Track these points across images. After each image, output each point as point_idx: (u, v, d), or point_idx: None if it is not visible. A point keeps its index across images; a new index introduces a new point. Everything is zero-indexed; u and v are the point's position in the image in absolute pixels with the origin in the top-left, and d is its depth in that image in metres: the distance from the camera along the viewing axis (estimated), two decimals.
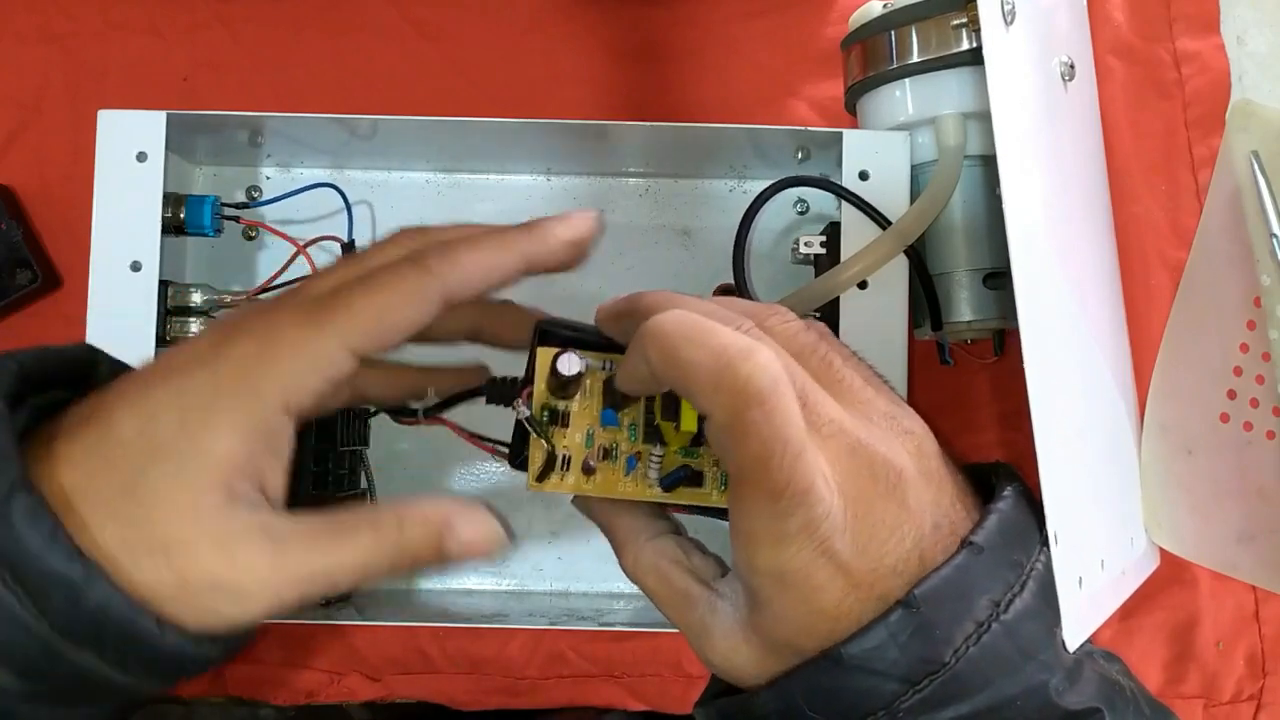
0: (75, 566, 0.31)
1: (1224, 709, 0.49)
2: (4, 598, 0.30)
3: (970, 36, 0.43)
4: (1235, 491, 0.47)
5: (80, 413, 0.34)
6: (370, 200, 0.50)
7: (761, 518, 0.32)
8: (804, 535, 0.32)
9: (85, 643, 0.31)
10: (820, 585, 0.32)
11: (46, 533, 0.31)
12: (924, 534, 0.33)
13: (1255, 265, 0.48)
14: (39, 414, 0.33)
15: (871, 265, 0.44)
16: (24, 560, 0.30)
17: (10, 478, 0.31)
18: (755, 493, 0.32)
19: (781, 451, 0.32)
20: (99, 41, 0.52)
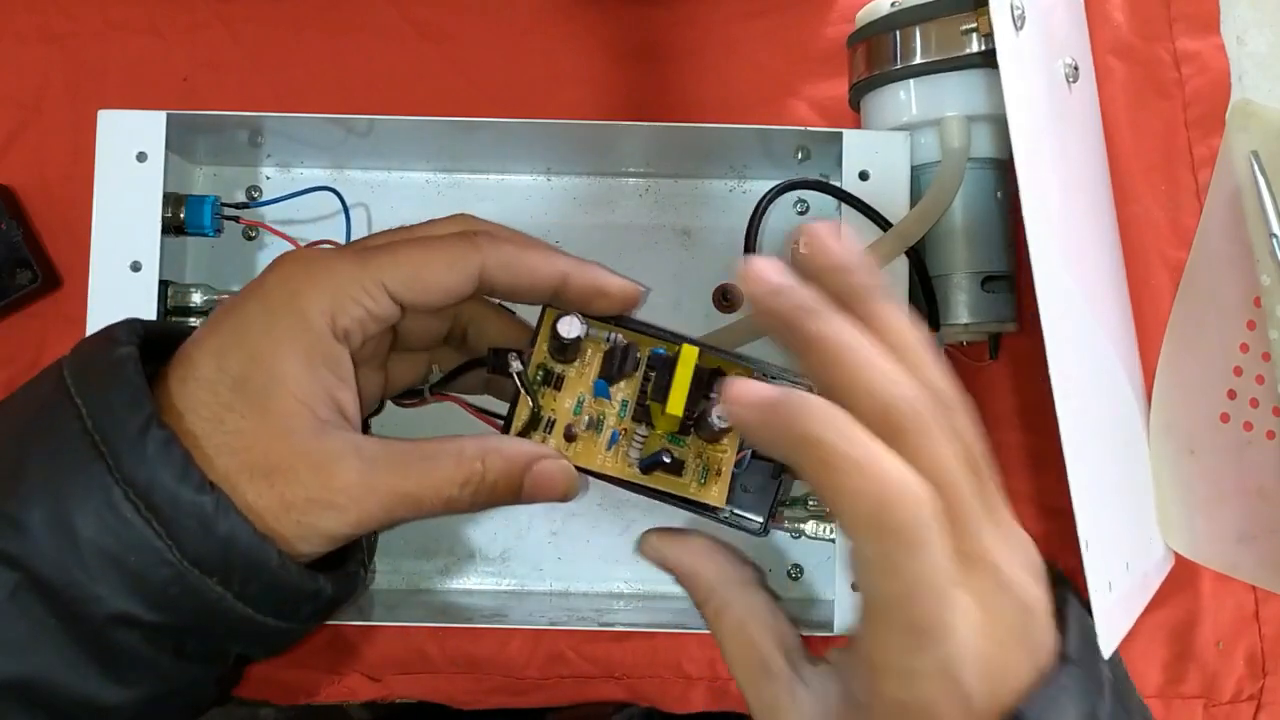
0: (206, 497, 0.33)
1: (1224, 709, 0.49)
2: (139, 527, 0.32)
3: (979, 40, 0.43)
4: (1235, 491, 0.47)
5: (172, 364, 0.36)
6: (370, 200, 0.50)
7: (895, 652, 0.31)
8: (939, 674, 0.31)
9: (213, 571, 0.33)
10: (940, 716, 0.31)
11: (179, 465, 0.33)
12: (1037, 666, 0.33)
13: (1255, 265, 0.48)
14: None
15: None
16: (158, 490, 0.32)
17: (144, 413, 0.33)
18: (891, 628, 0.31)
19: (926, 593, 0.30)
20: (99, 41, 0.52)
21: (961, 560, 0.31)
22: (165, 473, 0.32)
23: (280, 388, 0.35)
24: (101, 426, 0.33)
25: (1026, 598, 0.33)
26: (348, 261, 0.37)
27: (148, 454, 0.33)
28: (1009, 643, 0.32)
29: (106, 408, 0.33)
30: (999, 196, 0.46)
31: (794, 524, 0.44)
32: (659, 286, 0.50)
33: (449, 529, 0.50)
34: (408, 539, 0.49)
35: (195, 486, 0.33)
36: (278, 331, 0.35)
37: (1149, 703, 0.49)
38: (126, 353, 0.35)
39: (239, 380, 0.35)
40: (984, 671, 0.31)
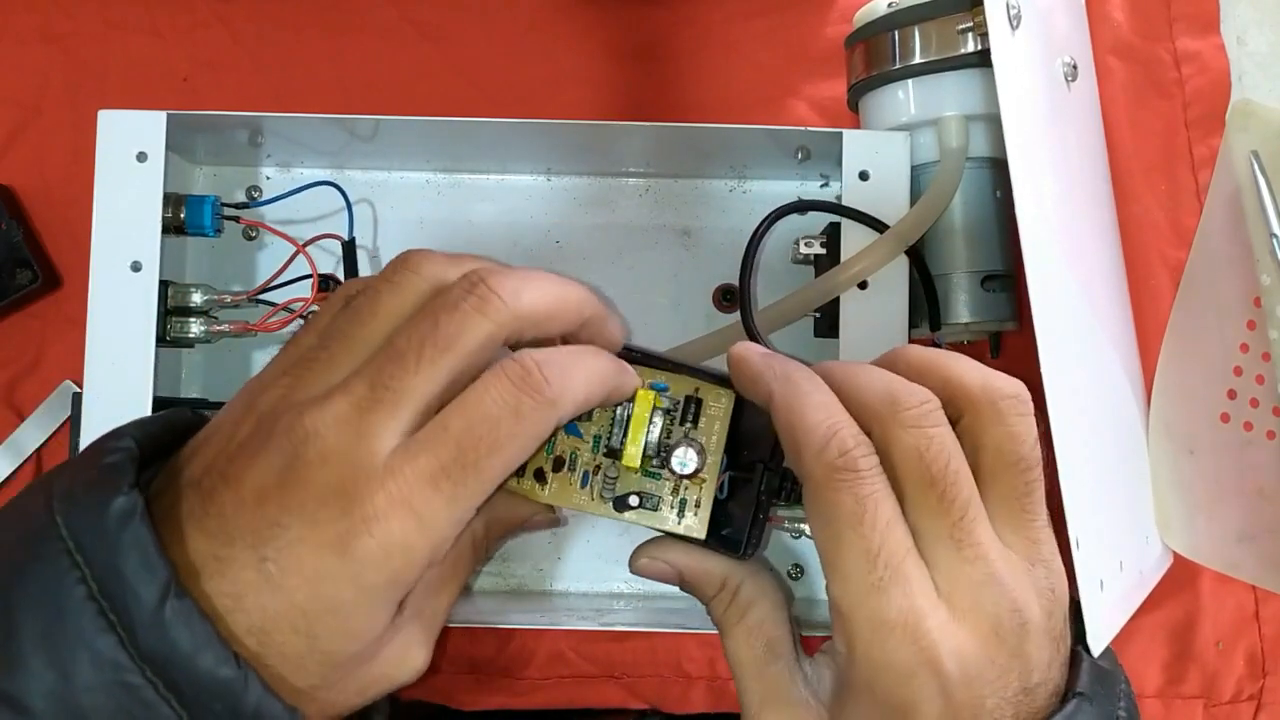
0: (231, 671, 0.29)
1: (1224, 709, 0.49)
2: (158, 707, 0.29)
3: (976, 39, 0.43)
4: (1236, 491, 0.47)
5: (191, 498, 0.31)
6: (370, 200, 0.50)
7: (858, 589, 0.31)
8: (904, 630, 0.31)
9: None
10: (917, 700, 0.31)
11: (202, 636, 0.29)
12: (1027, 688, 0.33)
13: (1255, 265, 0.48)
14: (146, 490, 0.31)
15: (872, 266, 0.44)
16: (178, 667, 0.29)
17: (160, 582, 0.29)
18: (848, 558, 0.31)
19: (876, 509, 0.31)
20: (99, 41, 0.52)
21: (946, 541, 0.32)
22: (185, 645, 0.29)
23: (352, 641, 0.32)
24: (110, 593, 0.29)
25: (1020, 602, 0.32)
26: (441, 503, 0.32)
27: (166, 626, 0.29)
28: (991, 640, 0.32)
29: (116, 574, 0.29)
30: (998, 196, 0.46)
31: (794, 524, 0.44)
32: (659, 286, 0.50)
33: None
34: None
35: (220, 660, 0.29)
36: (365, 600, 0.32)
37: (1149, 703, 0.49)
38: (128, 504, 0.30)
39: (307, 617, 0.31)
40: (961, 665, 0.31)
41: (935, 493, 0.32)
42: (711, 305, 0.50)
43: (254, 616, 0.30)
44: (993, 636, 0.32)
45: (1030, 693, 0.33)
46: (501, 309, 0.32)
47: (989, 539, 0.33)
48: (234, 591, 0.30)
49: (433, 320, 0.32)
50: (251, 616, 0.30)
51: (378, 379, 0.31)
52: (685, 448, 0.36)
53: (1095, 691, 0.33)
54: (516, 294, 0.32)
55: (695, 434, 0.37)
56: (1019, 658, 0.32)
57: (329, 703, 0.32)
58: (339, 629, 0.31)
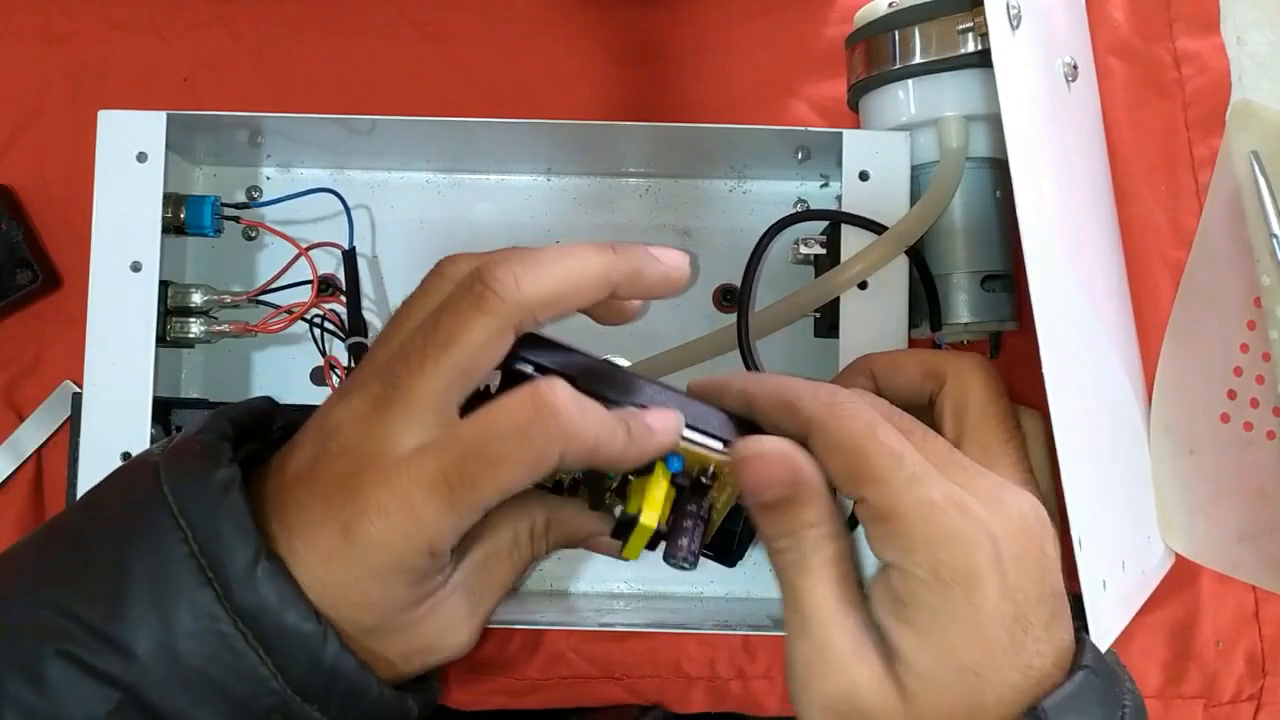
0: (313, 627, 0.32)
1: (1224, 709, 0.49)
2: (247, 655, 0.32)
3: (976, 40, 0.43)
4: (1236, 491, 0.47)
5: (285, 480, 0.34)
6: (370, 201, 0.50)
7: (897, 485, 0.33)
8: (953, 506, 0.33)
9: (315, 699, 0.33)
10: (981, 570, 0.32)
11: (288, 594, 0.32)
12: (1055, 592, 0.34)
13: (1255, 265, 0.48)
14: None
15: (872, 266, 0.44)
16: (267, 619, 0.32)
17: (254, 545, 0.32)
18: (878, 463, 0.33)
19: (885, 426, 0.34)
20: (99, 41, 0.52)
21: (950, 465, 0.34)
22: (273, 600, 0.32)
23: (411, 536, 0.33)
24: (209, 553, 0.32)
25: (1034, 504, 0.34)
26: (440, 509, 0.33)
27: (258, 584, 0.32)
28: (1021, 528, 0.33)
29: (214, 534, 0.32)
30: (998, 196, 0.46)
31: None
32: None
33: None
34: None
35: (303, 616, 0.32)
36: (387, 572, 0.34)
37: (1149, 703, 0.49)
38: (229, 475, 0.33)
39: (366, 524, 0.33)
40: (1006, 533, 0.33)
41: (915, 435, 0.35)
42: (711, 305, 0.50)
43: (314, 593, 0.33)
44: (1021, 527, 0.33)
45: (1058, 601, 0.34)
46: (498, 303, 0.32)
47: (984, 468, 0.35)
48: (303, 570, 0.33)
49: (434, 320, 0.33)
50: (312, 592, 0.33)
51: (389, 378, 0.33)
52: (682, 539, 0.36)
53: (1101, 669, 0.34)
54: (516, 284, 0.33)
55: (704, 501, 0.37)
56: (1045, 555, 0.34)
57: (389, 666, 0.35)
58: (352, 603, 0.33)
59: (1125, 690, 0.35)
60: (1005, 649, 0.32)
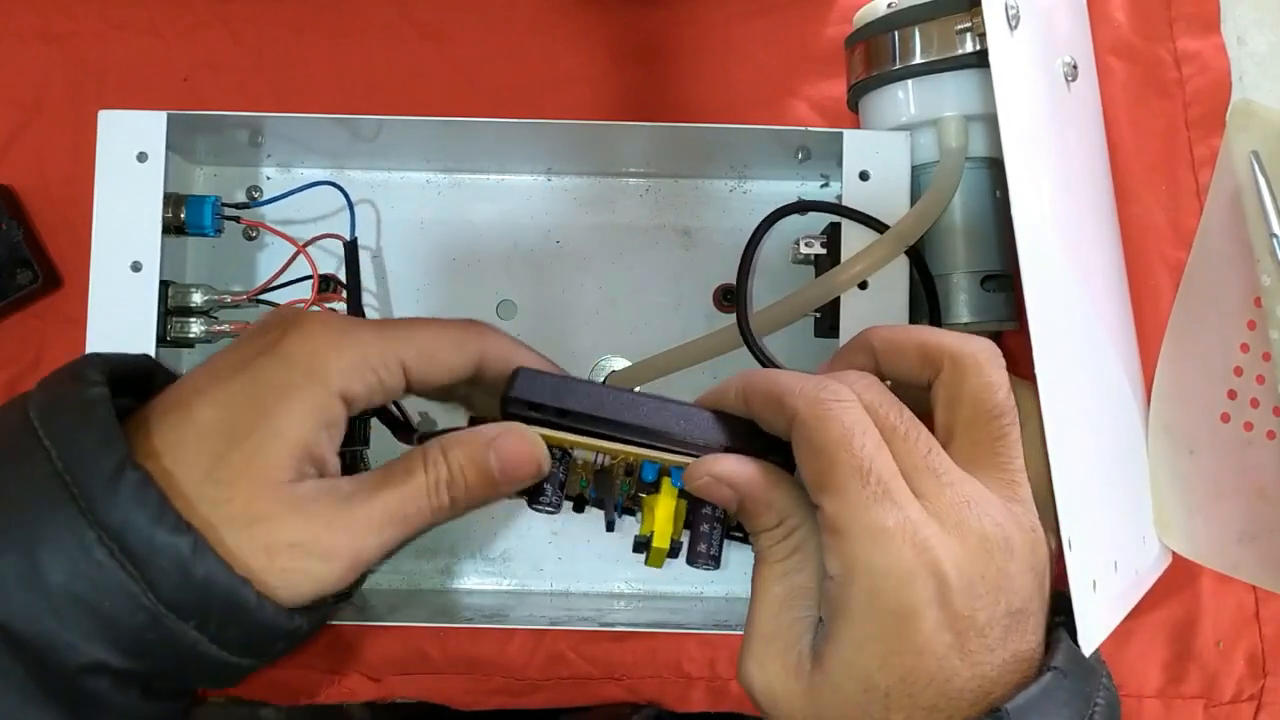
0: (183, 539, 0.32)
1: (1224, 709, 0.49)
2: (113, 571, 0.31)
3: (974, 40, 0.43)
4: (1236, 491, 0.47)
5: (159, 407, 0.35)
6: (370, 200, 0.50)
7: (854, 503, 0.33)
8: (902, 536, 0.32)
9: (190, 615, 0.32)
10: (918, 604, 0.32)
11: (155, 506, 0.32)
12: (1012, 610, 0.33)
13: (1255, 265, 0.48)
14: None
15: (872, 266, 0.44)
16: (133, 533, 0.31)
17: (118, 455, 0.32)
18: (842, 476, 0.33)
19: (863, 434, 0.33)
20: (99, 41, 0.52)
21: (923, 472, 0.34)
22: (140, 515, 0.32)
23: (278, 442, 0.34)
24: (72, 468, 0.32)
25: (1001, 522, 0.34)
26: (370, 333, 0.37)
27: (121, 496, 0.32)
28: (979, 552, 0.33)
29: (77, 449, 0.32)
30: (998, 196, 0.46)
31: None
32: (659, 286, 0.50)
33: (449, 529, 0.50)
34: None
35: (171, 528, 0.32)
36: (293, 389, 0.35)
37: (1149, 703, 0.49)
38: (98, 393, 0.33)
39: (240, 430, 0.34)
40: (955, 564, 0.32)
41: (898, 436, 0.34)
42: (711, 305, 0.50)
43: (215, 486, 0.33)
44: (980, 549, 0.33)
45: (1016, 617, 0.33)
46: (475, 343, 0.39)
47: (962, 473, 0.34)
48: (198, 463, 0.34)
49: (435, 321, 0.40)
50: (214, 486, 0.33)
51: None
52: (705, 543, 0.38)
53: (1072, 670, 0.34)
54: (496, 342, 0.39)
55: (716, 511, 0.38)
56: (1005, 575, 0.33)
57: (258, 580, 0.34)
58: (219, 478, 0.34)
59: (1100, 688, 0.34)
60: (929, 675, 0.32)
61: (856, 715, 0.33)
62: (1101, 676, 0.35)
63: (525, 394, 0.37)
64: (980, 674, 0.32)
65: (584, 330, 0.50)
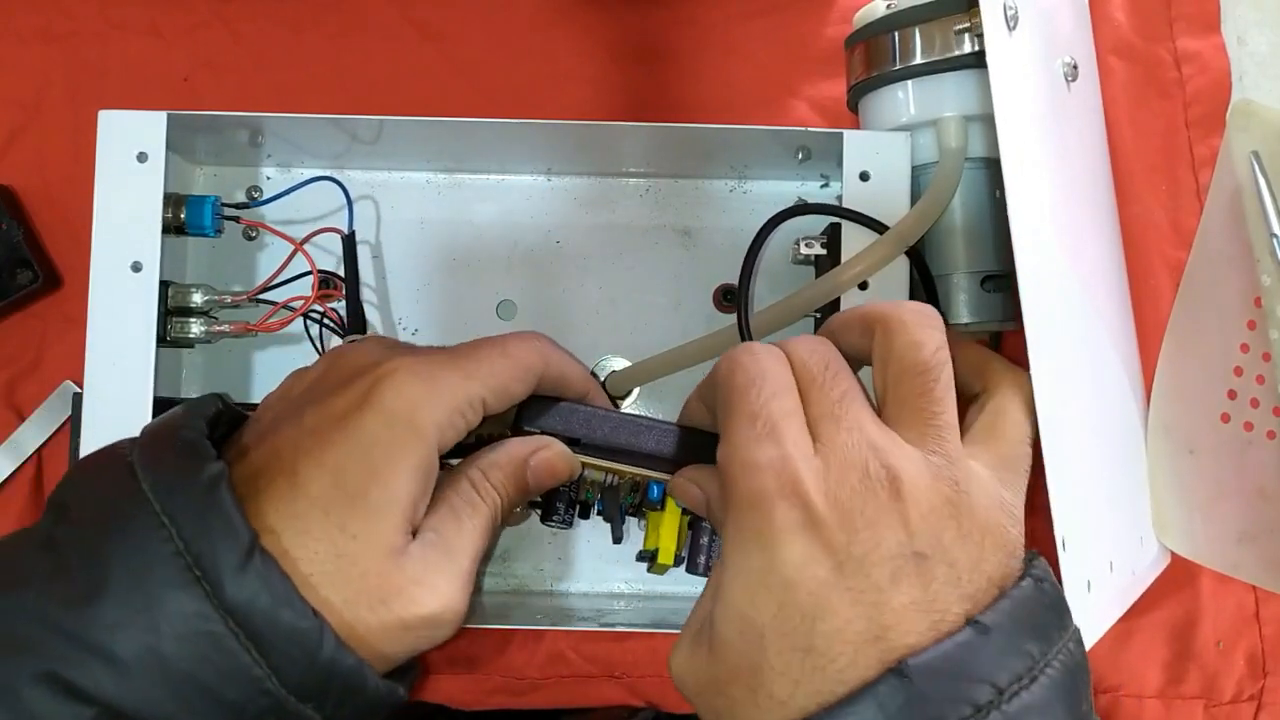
0: (309, 624, 0.32)
1: (1224, 709, 0.49)
2: (239, 656, 0.31)
3: (974, 40, 0.43)
4: (1236, 491, 0.47)
5: (262, 470, 0.34)
6: (371, 200, 0.50)
7: (737, 444, 0.33)
8: (771, 468, 0.32)
9: (310, 698, 0.32)
10: (781, 528, 0.31)
11: (282, 591, 0.32)
12: (914, 553, 0.31)
13: (1255, 265, 0.48)
14: None
15: (872, 266, 0.44)
16: (259, 617, 0.31)
17: (245, 540, 0.32)
18: (735, 420, 0.33)
19: (763, 382, 0.34)
20: (99, 41, 0.52)
21: (827, 418, 0.34)
22: (267, 599, 0.31)
23: (394, 508, 0.34)
24: (196, 550, 0.31)
25: (895, 466, 0.32)
26: (456, 375, 0.37)
27: (249, 580, 0.31)
28: (859, 489, 0.32)
29: (203, 532, 0.31)
30: (998, 196, 0.46)
31: None
32: (659, 286, 0.50)
33: None
34: None
35: (298, 613, 0.32)
36: (398, 448, 0.35)
37: (1149, 703, 0.49)
38: (217, 470, 0.33)
39: (356, 498, 0.34)
40: (826, 493, 0.32)
41: (816, 385, 0.34)
42: (711, 305, 0.50)
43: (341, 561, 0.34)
44: (862, 486, 0.32)
45: (916, 560, 0.31)
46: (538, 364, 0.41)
47: (869, 418, 0.34)
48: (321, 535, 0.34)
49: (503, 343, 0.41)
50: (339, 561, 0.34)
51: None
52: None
53: (1002, 627, 0.31)
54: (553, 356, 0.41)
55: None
56: (891, 513, 0.31)
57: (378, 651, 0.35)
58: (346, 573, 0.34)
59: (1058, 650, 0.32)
60: (803, 610, 0.31)
61: (739, 664, 0.31)
62: (1064, 639, 0.32)
63: (537, 425, 0.40)
64: (865, 615, 0.30)
65: (584, 330, 0.50)
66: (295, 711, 0.32)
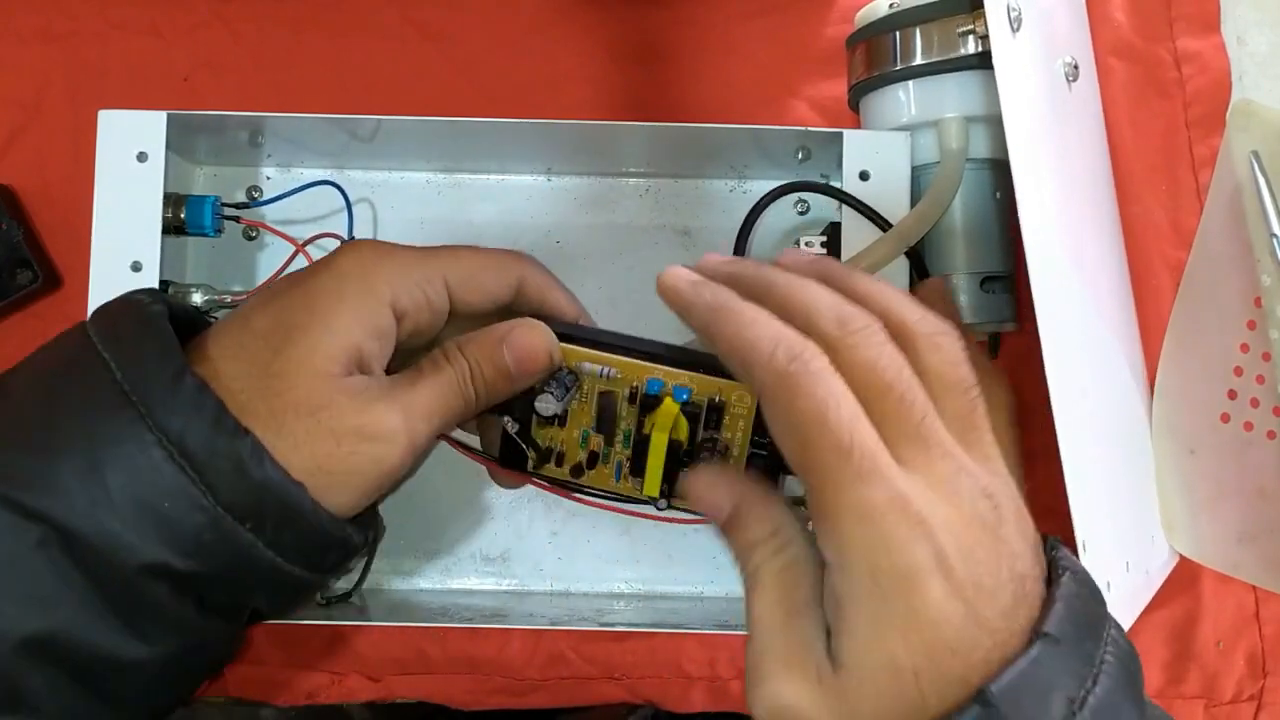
0: (240, 443, 0.33)
1: (1224, 709, 0.49)
2: (173, 474, 0.33)
3: (976, 41, 0.43)
4: (1236, 491, 0.47)
5: (215, 326, 0.38)
6: (370, 199, 0.50)
7: (838, 483, 0.31)
8: (892, 509, 0.30)
9: (246, 517, 0.34)
10: (919, 570, 0.30)
11: (213, 412, 0.33)
12: (1015, 574, 0.31)
13: (1255, 265, 0.48)
14: None
15: (872, 266, 0.44)
16: (192, 437, 0.33)
17: (175, 364, 0.34)
18: (822, 454, 0.31)
19: (838, 406, 0.31)
20: (99, 41, 0.52)
21: (914, 440, 0.32)
22: (199, 419, 0.33)
23: (331, 339, 0.36)
24: (132, 377, 0.33)
25: (991, 491, 0.32)
26: (415, 253, 0.40)
27: (180, 402, 0.33)
28: (974, 522, 0.31)
29: (137, 359, 0.34)
30: (998, 197, 0.46)
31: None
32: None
33: (449, 529, 0.50)
34: (408, 539, 0.49)
35: (229, 432, 0.33)
36: (344, 294, 0.37)
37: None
38: (156, 310, 0.36)
39: (294, 330, 0.36)
40: (951, 532, 0.30)
41: (894, 396, 0.32)
42: None
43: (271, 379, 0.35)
44: (975, 519, 0.31)
45: (1021, 580, 0.31)
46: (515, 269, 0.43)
47: (951, 440, 0.32)
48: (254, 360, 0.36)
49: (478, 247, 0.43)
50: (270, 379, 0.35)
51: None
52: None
53: (1067, 632, 0.31)
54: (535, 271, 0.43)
55: (719, 435, 0.38)
56: (1002, 541, 0.32)
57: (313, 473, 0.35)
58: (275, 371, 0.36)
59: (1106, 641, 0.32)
60: (951, 647, 0.30)
61: (892, 703, 0.31)
62: (1108, 629, 0.33)
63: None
64: (1000, 641, 0.30)
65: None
66: (232, 530, 0.33)
